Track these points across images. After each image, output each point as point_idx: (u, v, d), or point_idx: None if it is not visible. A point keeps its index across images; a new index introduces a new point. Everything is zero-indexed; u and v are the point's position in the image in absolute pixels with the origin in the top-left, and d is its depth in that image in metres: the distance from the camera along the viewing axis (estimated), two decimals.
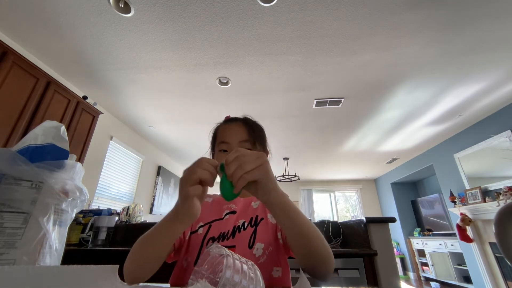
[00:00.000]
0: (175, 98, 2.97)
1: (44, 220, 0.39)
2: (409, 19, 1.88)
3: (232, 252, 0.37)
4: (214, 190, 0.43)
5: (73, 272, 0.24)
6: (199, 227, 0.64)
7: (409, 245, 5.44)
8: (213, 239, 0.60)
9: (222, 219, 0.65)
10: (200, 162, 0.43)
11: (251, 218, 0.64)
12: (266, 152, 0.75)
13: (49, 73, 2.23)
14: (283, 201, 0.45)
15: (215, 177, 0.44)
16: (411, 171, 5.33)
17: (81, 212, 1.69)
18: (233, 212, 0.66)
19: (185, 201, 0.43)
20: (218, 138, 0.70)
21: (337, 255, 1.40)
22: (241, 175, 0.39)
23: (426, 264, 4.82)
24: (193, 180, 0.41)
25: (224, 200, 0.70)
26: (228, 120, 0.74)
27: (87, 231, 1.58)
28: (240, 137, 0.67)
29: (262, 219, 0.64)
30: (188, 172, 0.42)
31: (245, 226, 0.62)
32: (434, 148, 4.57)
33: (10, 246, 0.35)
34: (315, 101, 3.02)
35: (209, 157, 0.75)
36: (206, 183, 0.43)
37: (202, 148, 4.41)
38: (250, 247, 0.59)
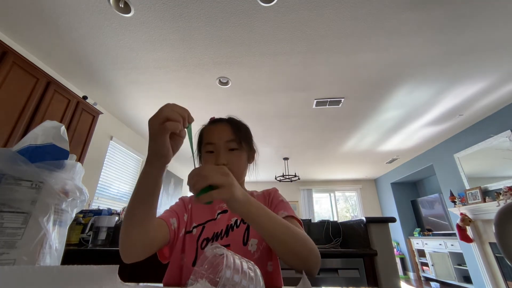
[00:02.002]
0: (175, 98, 2.97)
1: (44, 220, 0.39)
2: (409, 19, 1.88)
3: (232, 252, 0.37)
4: None
5: (73, 272, 0.24)
6: (193, 227, 0.64)
7: (409, 245, 5.44)
8: (207, 240, 0.61)
9: (215, 219, 0.65)
10: (167, 104, 0.44)
11: None
12: (253, 151, 0.74)
13: (49, 73, 2.23)
14: (246, 211, 0.45)
15: (182, 120, 0.44)
16: (411, 171, 5.33)
17: (81, 212, 1.69)
18: (225, 211, 0.67)
19: (151, 140, 0.44)
20: (204, 140, 0.69)
21: (337, 255, 1.40)
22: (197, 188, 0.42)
23: (426, 264, 4.82)
24: (160, 119, 0.42)
25: (216, 200, 0.71)
26: (213, 121, 0.73)
27: (87, 231, 1.58)
28: (226, 137, 0.66)
29: None
30: (156, 113, 0.44)
31: (238, 224, 0.63)
32: (434, 148, 4.57)
33: (10, 246, 0.35)
34: (315, 101, 3.02)
35: (196, 159, 0.75)
36: (173, 125, 0.43)
37: None
38: (245, 243, 0.60)
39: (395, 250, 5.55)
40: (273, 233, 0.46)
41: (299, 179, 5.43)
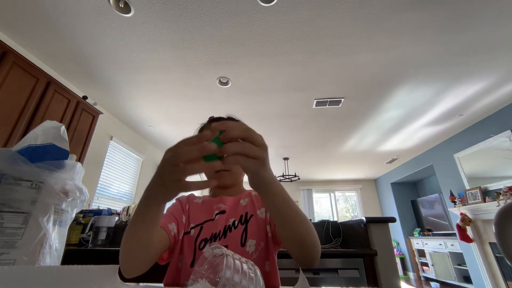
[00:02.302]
0: (175, 98, 2.97)
1: (44, 220, 0.39)
2: (409, 19, 1.88)
3: (233, 252, 0.37)
4: (203, 191, 0.41)
5: (73, 272, 0.24)
6: (191, 228, 0.64)
7: (409, 245, 5.44)
8: (206, 241, 0.61)
9: (213, 219, 0.65)
10: (180, 152, 0.34)
11: (241, 216, 0.65)
12: None
13: (49, 73, 2.23)
14: (274, 192, 0.43)
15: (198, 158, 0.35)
16: (411, 171, 5.33)
17: (81, 212, 1.69)
18: (223, 212, 0.67)
19: (160, 190, 0.39)
20: None
21: (337, 255, 1.40)
22: (239, 160, 0.36)
23: (426, 264, 4.82)
24: (175, 179, 0.35)
25: (213, 201, 0.70)
26: (213, 120, 0.73)
27: (87, 231, 1.58)
28: None
29: (252, 215, 0.65)
30: (171, 167, 0.35)
31: (236, 225, 0.63)
32: (434, 148, 4.57)
33: (10, 246, 0.35)
34: (315, 101, 3.02)
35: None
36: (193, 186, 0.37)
37: None
38: (243, 244, 0.60)
39: (395, 250, 5.55)
40: (287, 218, 0.45)
41: (299, 179, 5.43)
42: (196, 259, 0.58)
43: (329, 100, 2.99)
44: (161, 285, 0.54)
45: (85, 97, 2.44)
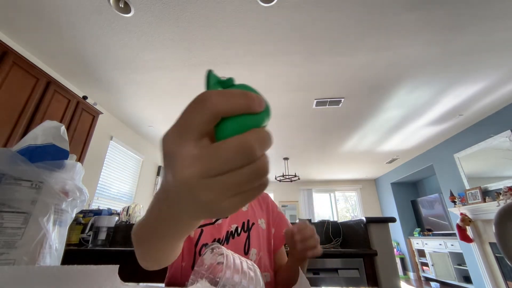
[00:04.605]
0: (175, 98, 2.97)
1: (44, 220, 0.39)
2: (409, 19, 1.88)
3: (232, 252, 0.37)
4: None
5: (73, 272, 0.24)
6: None
7: (409, 245, 5.44)
8: (206, 246, 0.60)
9: (213, 223, 0.63)
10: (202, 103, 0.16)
11: (243, 223, 0.64)
12: None
13: (49, 73, 2.23)
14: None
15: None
16: (411, 171, 5.33)
17: (81, 212, 1.69)
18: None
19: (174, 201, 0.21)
20: None
21: (337, 255, 1.40)
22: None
23: (426, 264, 4.82)
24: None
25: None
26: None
27: (87, 231, 1.58)
28: None
29: (253, 224, 0.65)
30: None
31: (239, 232, 0.62)
32: (434, 148, 4.57)
33: (10, 246, 0.35)
34: (315, 101, 3.02)
35: None
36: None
37: None
38: (246, 253, 0.59)
39: (395, 250, 5.55)
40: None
41: (299, 179, 5.42)
42: (196, 263, 0.57)
43: (329, 100, 2.99)
44: (161, 285, 0.54)
45: (85, 97, 2.44)
